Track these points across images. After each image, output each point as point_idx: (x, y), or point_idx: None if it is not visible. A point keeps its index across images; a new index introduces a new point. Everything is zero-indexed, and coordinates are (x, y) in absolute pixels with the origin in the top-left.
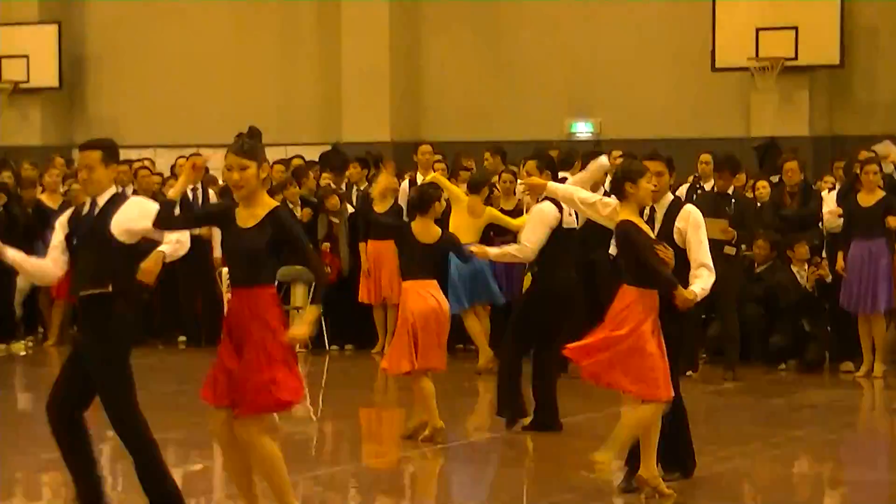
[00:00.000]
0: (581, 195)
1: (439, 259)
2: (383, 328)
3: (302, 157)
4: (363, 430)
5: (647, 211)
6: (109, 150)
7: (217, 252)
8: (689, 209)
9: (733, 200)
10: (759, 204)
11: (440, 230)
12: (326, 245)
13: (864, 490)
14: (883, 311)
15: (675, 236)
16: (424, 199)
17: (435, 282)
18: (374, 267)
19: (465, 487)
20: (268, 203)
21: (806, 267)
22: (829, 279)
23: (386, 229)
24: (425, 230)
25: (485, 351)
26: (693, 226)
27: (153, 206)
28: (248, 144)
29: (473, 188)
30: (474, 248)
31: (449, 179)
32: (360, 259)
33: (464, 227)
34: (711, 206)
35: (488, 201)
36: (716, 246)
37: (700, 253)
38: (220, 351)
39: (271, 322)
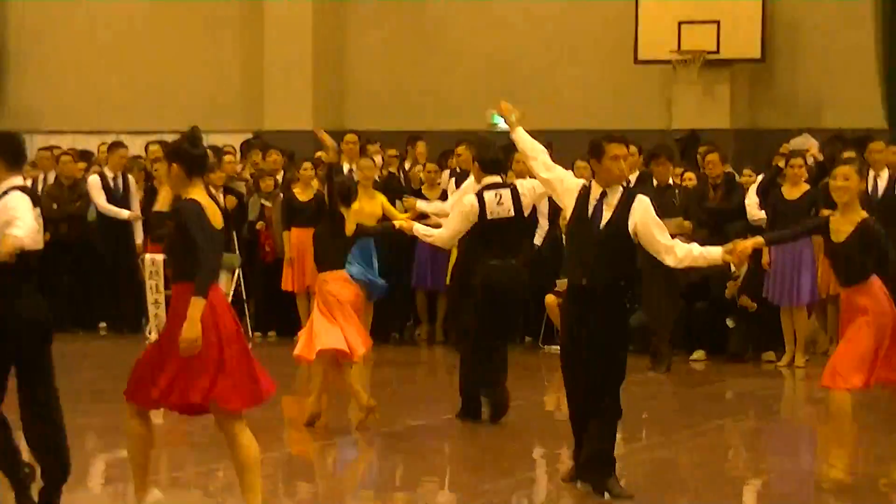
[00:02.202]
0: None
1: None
2: (307, 316)
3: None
4: (286, 418)
5: (594, 195)
6: None
7: (139, 238)
8: (641, 199)
9: (677, 191)
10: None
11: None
12: (262, 223)
13: (785, 479)
14: (806, 304)
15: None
16: (352, 191)
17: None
18: (297, 255)
19: (389, 474)
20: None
21: (744, 267)
22: (752, 310)
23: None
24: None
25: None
26: (651, 214)
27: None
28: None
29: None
30: (402, 224)
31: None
32: (284, 247)
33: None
34: (659, 200)
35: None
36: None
37: (665, 234)
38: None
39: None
